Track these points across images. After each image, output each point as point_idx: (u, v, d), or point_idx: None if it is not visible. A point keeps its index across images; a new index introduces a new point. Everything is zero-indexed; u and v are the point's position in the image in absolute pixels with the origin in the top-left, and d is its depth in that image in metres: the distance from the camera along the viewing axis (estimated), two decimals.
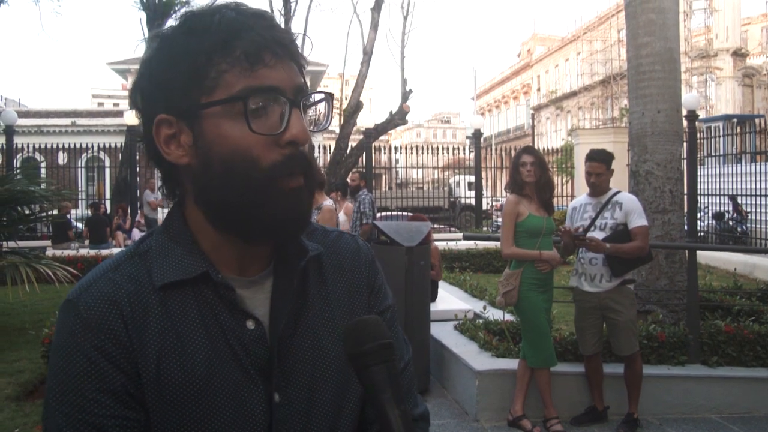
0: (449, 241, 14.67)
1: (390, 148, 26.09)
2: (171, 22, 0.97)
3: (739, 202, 15.29)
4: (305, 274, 1.04)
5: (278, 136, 0.92)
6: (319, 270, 1.08)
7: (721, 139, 18.92)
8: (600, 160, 5.00)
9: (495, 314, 6.58)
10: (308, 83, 1.01)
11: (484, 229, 18.87)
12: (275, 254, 1.04)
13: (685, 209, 9.34)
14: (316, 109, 1.03)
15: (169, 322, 0.93)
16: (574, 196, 18.43)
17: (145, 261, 0.97)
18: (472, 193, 21.16)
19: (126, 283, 0.94)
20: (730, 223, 15.61)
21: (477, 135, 20.05)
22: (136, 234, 14.88)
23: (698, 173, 14.35)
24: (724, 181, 15.49)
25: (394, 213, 20.73)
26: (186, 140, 0.94)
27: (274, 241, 1.00)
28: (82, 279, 0.97)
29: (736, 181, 15.06)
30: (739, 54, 40.19)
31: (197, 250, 0.98)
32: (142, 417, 0.90)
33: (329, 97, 1.03)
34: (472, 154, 20.64)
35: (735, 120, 21.39)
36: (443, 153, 22.55)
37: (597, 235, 4.85)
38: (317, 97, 1.01)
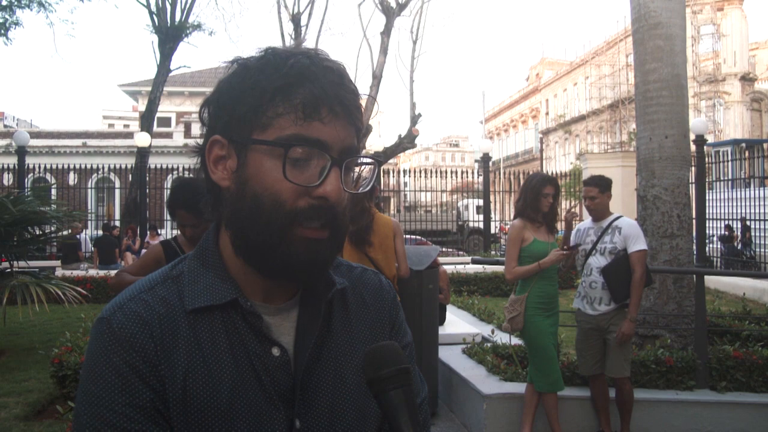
0: (457, 264, 14.69)
1: (399, 172, 26.09)
2: (254, 53, 1.00)
3: (748, 225, 15.29)
4: (330, 305, 1.07)
5: (311, 189, 0.94)
6: (344, 303, 1.11)
7: (730, 163, 18.96)
8: (593, 184, 5.15)
9: (503, 338, 6.58)
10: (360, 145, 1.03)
11: (493, 252, 18.84)
12: (301, 285, 1.07)
13: (694, 234, 9.33)
14: (361, 169, 1.05)
15: (197, 345, 0.96)
16: (581, 220, 18.43)
17: (178, 285, 1.01)
18: (481, 217, 21.21)
19: (158, 305, 0.97)
20: (739, 246, 15.60)
21: (485, 158, 20.09)
22: None
23: (707, 198, 14.34)
24: (732, 206, 15.49)
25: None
26: (231, 165, 0.98)
27: (291, 281, 1.03)
28: (116, 297, 1.00)
29: (745, 205, 15.05)
30: (747, 79, 40.21)
31: (227, 276, 1.01)
32: None
33: (377, 164, 1.06)
34: (481, 178, 20.68)
35: (743, 145, 21.45)
36: (452, 176, 22.59)
37: (597, 258, 4.98)
38: (365, 160, 1.03)
